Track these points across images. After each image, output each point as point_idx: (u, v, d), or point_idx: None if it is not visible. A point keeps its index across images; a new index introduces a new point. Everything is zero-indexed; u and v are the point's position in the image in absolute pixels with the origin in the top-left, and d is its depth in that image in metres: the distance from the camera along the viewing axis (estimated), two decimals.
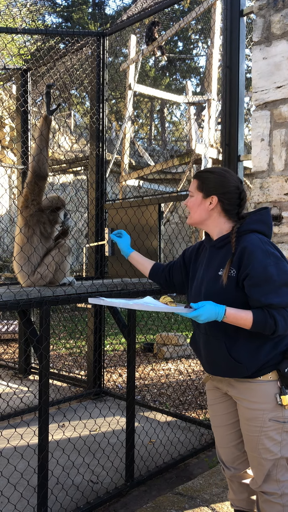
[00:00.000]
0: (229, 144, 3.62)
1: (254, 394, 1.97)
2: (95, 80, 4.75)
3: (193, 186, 2.06)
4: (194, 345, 2.18)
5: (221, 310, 1.82)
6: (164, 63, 20.98)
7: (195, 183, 2.06)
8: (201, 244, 2.22)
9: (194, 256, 2.21)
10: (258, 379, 1.96)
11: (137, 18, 4.77)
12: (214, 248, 2.05)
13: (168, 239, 14.56)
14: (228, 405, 2.15)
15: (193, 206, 2.05)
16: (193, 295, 2.09)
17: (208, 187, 2.02)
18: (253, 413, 1.98)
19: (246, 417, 2.01)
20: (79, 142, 14.21)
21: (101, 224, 4.84)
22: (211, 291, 1.97)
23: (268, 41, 3.13)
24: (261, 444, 1.98)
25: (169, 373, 5.93)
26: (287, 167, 3.04)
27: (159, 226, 4.27)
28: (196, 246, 2.25)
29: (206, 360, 2.08)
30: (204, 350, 2.07)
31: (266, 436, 1.97)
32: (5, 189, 5.36)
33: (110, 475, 3.17)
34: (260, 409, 1.96)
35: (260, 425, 1.97)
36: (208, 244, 2.09)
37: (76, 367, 6.10)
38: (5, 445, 3.04)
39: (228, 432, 2.18)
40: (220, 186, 2.02)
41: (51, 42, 5.44)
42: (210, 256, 2.06)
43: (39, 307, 2.59)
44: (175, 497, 2.73)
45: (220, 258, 1.99)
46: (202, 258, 2.14)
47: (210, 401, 2.24)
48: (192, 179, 2.07)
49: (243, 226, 1.98)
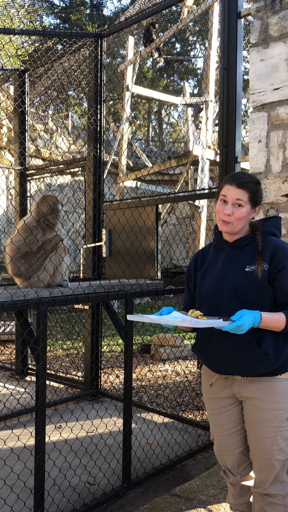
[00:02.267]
0: (226, 146, 3.63)
1: (275, 393, 1.96)
2: (92, 81, 4.75)
3: (245, 197, 2.01)
4: (201, 347, 2.12)
5: (257, 316, 1.87)
6: (161, 65, 21.00)
7: (245, 194, 2.01)
8: (202, 251, 2.24)
9: (200, 263, 2.22)
10: (278, 377, 1.97)
11: (135, 19, 4.79)
12: (235, 248, 2.08)
13: (166, 240, 14.59)
14: (234, 412, 2.12)
15: (243, 217, 2.03)
16: (207, 293, 2.07)
17: (257, 198, 2.07)
18: (271, 413, 1.97)
19: (263, 418, 1.98)
20: (77, 143, 14.21)
21: (98, 225, 4.84)
22: (241, 285, 1.99)
23: (265, 43, 3.14)
24: (276, 445, 1.97)
25: (166, 374, 5.93)
26: (284, 169, 3.05)
27: (157, 227, 4.27)
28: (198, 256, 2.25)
29: (222, 359, 2.03)
30: (221, 349, 2.02)
31: (281, 436, 1.97)
32: (3, 190, 5.36)
33: (107, 477, 3.16)
34: (280, 408, 1.96)
35: (277, 425, 1.96)
36: (226, 245, 2.10)
37: (73, 368, 6.09)
38: (2, 446, 3.04)
39: (235, 439, 2.14)
40: (262, 197, 2.13)
41: (49, 43, 5.45)
42: (230, 255, 2.08)
43: (36, 308, 2.58)
44: (172, 498, 2.73)
45: (245, 256, 2.04)
46: (214, 258, 2.15)
47: (214, 410, 2.17)
48: (238, 190, 2.01)
49: (264, 228, 2.07)
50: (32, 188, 5.66)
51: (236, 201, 2.01)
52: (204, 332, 2.09)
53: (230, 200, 2.02)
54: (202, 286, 2.12)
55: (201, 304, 2.10)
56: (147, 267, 4.33)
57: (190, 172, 12.14)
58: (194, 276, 2.22)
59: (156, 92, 12.63)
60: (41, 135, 13.48)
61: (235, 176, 2.06)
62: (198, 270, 2.20)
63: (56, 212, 3.57)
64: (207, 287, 2.09)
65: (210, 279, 2.09)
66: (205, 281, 2.11)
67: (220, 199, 2.06)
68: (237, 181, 2.02)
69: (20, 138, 5.42)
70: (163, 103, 23.03)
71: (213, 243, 2.22)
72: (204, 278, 2.13)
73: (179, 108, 23.85)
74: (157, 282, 4.01)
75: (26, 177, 5.55)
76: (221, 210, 2.04)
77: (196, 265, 2.23)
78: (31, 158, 11.87)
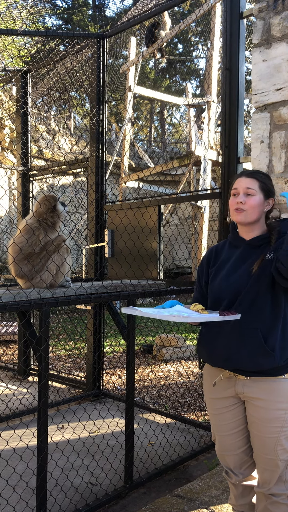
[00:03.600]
0: (228, 146, 3.62)
1: (278, 394, 1.96)
2: (95, 82, 4.76)
3: (254, 186, 2.04)
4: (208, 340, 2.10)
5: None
6: (164, 65, 21.00)
7: (255, 183, 2.04)
8: (216, 248, 2.24)
9: (214, 260, 2.21)
10: (281, 377, 1.97)
11: (137, 20, 4.79)
12: (251, 246, 2.07)
13: (168, 240, 14.59)
14: (237, 412, 2.12)
15: (255, 205, 2.03)
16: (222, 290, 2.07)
17: (269, 188, 2.08)
18: (275, 414, 1.96)
19: (266, 418, 1.98)
20: (79, 143, 14.23)
21: (100, 225, 4.84)
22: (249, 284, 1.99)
23: (268, 44, 3.13)
24: (280, 445, 1.97)
25: (168, 375, 5.93)
26: (286, 169, 3.05)
27: (159, 228, 4.27)
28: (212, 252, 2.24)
29: (229, 352, 2.02)
30: (228, 341, 2.02)
31: (285, 436, 1.97)
32: (5, 191, 5.36)
33: (109, 477, 3.16)
34: (283, 408, 1.96)
35: (281, 425, 1.96)
36: (243, 242, 2.10)
37: (75, 369, 6.10)
38: (4, 447, 3.04)
39: (237, 439, 2.14)
40: (274, 190, 2.12)
41: (51, 44, 5.45)
42: (244, 253, 2.08)
43: (39, 308, 2.59)
44: (174, 499, 2.72)
45: (259, 255, 2.03)
46: (228, 255, 2.14)
47: (217, 411, 2.16)
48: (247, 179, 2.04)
49: (281, 229, 2.06)
50: (34, 189, 5.67)
51: (246, 189, 2.03)
52: (213, 324, 2.08)
53: (241, 190, 2.04)
54: (215, 284, 2.11)
55: (214, 301, 2.09)
56: (149, 268, 4.33)
57: (193, 173, 12.13)
58: (206, 272, 2.21)
59: (158, 92, 12.63)
60: (44, 136, 13.50)
61: (245, 170, 2.11)
62: (212, 266, 2.19)
63: (56, 212, 3.57)
64: (220, 284, 2.08)
65: (224, 277, 2.08)
66: (218, 279, 2.10)
67: (232, 194, 2.09)
68: (246, 172, 2.08)
69: (23, 139, 5.43)
70: (165, 104, 23.04)
71: (228, 239, 2.21)
72: (217, 276, 2.12)
73: (181, 108, 23.85)
74: (159, 283, 4.01)
75: (29, 178, 5.56)
76: (234, 202, 2.06)
77: (210, 261, 2.21)
78: (33, 158, 11.90)
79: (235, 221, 2.09)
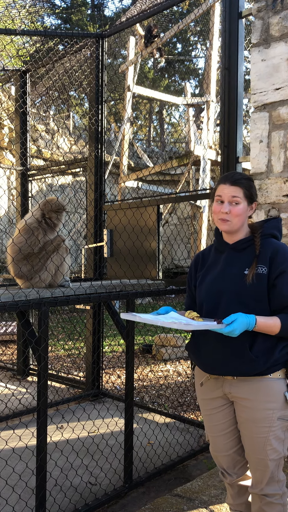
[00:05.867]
0: (227, 146, 3.63)
1: (265, 393, 1.96)
2: (94, 81, 4.75)
3: (240, 194, 2.02)
4: (194, 346, 2.14)
5: (252, 321, 1.87)
6: (163, 65, 21.01)
7: (240, 190, 2.03)
8: (203, 253, 2.25)
9: (201, 265, 2.22)
10: (268, 377, 1.96)
11: (136, 19, 4.79)
12: (235, 250, 2.08)
13: (167, 240, 14.59)
14: (227, 412, 2.12)
15: (241, 213, 2.03)
16: (206, 294, 2.08)
17: (252, 194, 2.08)
18: (262, 413, 1.96)
19: (254, 418, 1.98)
20: (78, 143, 14.22)
21: (100, 225, 4.84)
22: (239, 289, 1.99)
23: (266, 43, 3.14)
24: (269, 444, 1.97)
25: (167, 374, 5.93)
26: (285, 169, 3.05)
27: (158, 228, 4.27)
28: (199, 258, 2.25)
29: (214, 360, 2.04)
30: (213, 349, 2.03)
31: (274, 435, 1.97)
32: (4, 191, 5.36)
33: (108, 477, 3.16)
34: (270, 408, 1.95)
35: (269, 425, 1.96)
36: (227, 247, 2.11)
37: (74, 369, 6.10)
38: (4, 447, 3.04)
39: (229, 439, 2.15)
40: (257, 194, 2.13)
41: (50, 44, 5.45)
42: (230, 257, 2.08)
43: (38, 308, 2.59)
44: (173, 498, 2.72)
45: (245, 258, 2.04)
46: (214, 260, 2.15)
47: (207, 411, 2.18)
48: (232, 187, 2.02)
49: (264, 230, 2.06)
50: (33, 189, 5.67)
51: (232, 198, 2.02)
52: (197, 332, 2.10)
53: (226, 198, 2.02)
54: (202, 288, 2.12)
55: (200, 305, 2.11)
56: (148, 267, 4.33)
57: (192, 172, 12.14)
58: (194, 277, 2.23)
59: (157, 92, 12.64)
60: (43, 136, 13.49)
61: (228, 175, 2.07)
62: (199, 271, 2.21)
63: (59, 215, 3.59)
64: (206, 289, 2.09)
65: (209, 281, 2.10)
66: (204, 283, 2.12)
67: (216, 200, 2.07)
68: (230, 179, 2.04)
69: (22, 139, 5.43)
70: (164, 103, 23.04)
71: (213, 244, 2.22)
72: (203, 280, 2.14)
73: (180, 108, 23.85)
74: (158, 282, 4.01)
75: (28, 178, 5.55)
76: (218, 210, 2.05)
77: (197, 266, 2.23)
78: (32, 158, 11.89)
79: (221, 230, 2.10)
